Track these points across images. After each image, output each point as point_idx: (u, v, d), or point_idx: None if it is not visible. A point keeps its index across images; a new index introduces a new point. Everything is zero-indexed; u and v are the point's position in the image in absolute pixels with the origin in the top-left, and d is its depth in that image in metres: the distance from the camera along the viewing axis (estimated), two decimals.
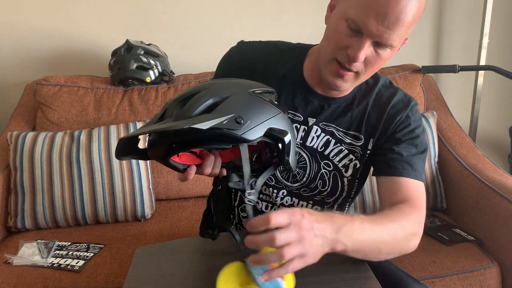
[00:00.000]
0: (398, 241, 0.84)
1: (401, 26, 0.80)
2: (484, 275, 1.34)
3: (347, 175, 1.01)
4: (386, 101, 0.99)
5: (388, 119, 0.98)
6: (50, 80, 1.82)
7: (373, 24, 0.79)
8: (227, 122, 0.65)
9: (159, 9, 1.99)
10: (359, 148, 1.00)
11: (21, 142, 1.63)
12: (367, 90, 1.00)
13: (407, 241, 0.86)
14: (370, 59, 0.85)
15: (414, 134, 0.97)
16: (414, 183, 0.94)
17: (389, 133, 0.98)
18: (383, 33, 0.80)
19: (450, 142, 1.76)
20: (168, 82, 1.88)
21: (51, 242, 1.48)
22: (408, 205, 0.90)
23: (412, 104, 0.99)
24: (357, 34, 0.82)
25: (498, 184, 1.47)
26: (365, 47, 0.82)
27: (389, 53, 0.86)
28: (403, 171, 0.93)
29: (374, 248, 0.80)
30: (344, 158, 1.00)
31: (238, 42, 1.06)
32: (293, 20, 2.05)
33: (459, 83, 2.19)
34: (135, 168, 1.65)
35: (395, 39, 0.82)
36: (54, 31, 1.97)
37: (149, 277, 0.83)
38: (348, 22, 0.82)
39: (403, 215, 0.86)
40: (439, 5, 2.10)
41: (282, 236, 0.65)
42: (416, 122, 0.98)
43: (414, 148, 0.97)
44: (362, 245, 0.77)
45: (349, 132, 0.99)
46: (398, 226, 0.84)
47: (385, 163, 0.96)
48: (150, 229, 1.60)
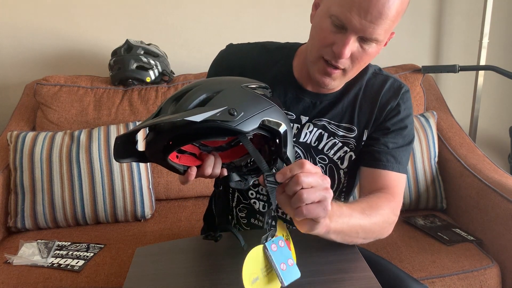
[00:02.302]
0: (374, 227, 0.88)
1: (384, 20, 0.80)
2: (484, 275, 1.34)
3: (343, 167, 1.02)
4: (377, 91, 0.99)
5: (380, 108, 0.99)
6: (50, 80, 1.82)
7: (356, 19, 0.80)
8: (221, 115, 0.65)
9: (159, 9, 1.99)
10: (353, 140, 1.00)
11: (21, 142, 1.63)
12: (356, 79, 1.00)
13: (382, 228, 0.91)
14: (356, 55, 0.86)
15: (403, 124, 0.98)
16: (396, 175, 0.97)
17: (380, 121, 0.99)
18: (367, 27, 0.81)
19: (450, 142, 1.76)
20: (168, 82, 1.88)
21: (51, 242, 1.48)
22: (386, 193, 0.93)
23: (403, 91, 0.99)
24: (342, 30, 0.83)
25: (498, 184, 1.47)
26: (350, 43, 0.83)
27: (375, 48, 0.86)
28: (387, 164, 0.96)
29: (352, 232, 0.83)
30: (338, 150, 1.00)
31: (227, 46, 1.07)
32: (293, 20, 2.05)
33: (459, 83, 2.19)
34: (135, 168, 1.65)
35: (380, 33, 0.82)
36: (54, 31, 1.97)
37: (149, 277, 0.83)
38: (332, 18, 0.83)
39: (380, 203, 0.90)
40: (439, 5, 2.10)
41: (306, 179, 0.66)
42: (407, 110, 0.99)
43: (401, 139, 0.98)
44: (342, 228, 0.80)
45: (341, 124, 1.00)
46: (375, 213, 0.87)
47: (370, 154, 0.98)
48: (150, 229, 1.60)
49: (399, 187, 0.97)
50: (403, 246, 1.44)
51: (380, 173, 0.96)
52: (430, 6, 2.10)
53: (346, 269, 0.84)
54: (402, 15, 0.84)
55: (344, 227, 0.81)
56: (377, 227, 0.89)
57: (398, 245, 1.44)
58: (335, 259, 0.87)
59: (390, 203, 0.92)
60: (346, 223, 0.81)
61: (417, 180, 1.66)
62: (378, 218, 0.88)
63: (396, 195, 0.95)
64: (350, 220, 0.82)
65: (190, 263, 0.88)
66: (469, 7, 2.11)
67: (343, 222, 0.80)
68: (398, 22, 0.84)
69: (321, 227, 0.73)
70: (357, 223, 0.83)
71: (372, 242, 1.46)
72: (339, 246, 0.90)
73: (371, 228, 0.88)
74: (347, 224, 0.81)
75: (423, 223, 1.58)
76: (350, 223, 0.82)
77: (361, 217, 0.84)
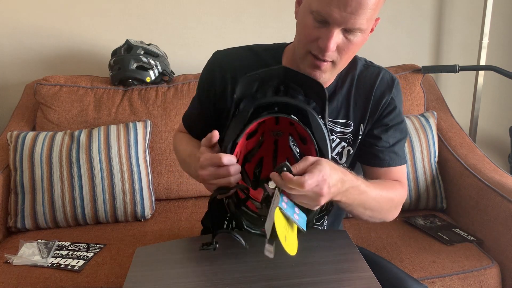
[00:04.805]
0: (382, 208, 0.96)
1: (364, 9, 0.81)
2: (484, 275, 1.34)
3: (342, 162, 1.04)
4: (370, 84, 1.01)
5: (375, 102, 1.00)
6: (50, 80, 1.82)
7: (336, 12, 0.81)
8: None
9: (159, 9, 1.99)
10: (350, 135, 1.02)
11: (21, 142, 1.63)
12: (346, 73, 1.01)
13: (389, 212, 0.98)
14: (343, 46, 0.87)
15: (400, 118, 1.03)
16: (400, 168, 1.04)
17: (377, 117, 1.01)
18: (348, 19, 0.82)
19: (450, 142, 1.76)
20: (168, 82, 1.88)
21: (51, 242, 1.48)
22: (397, 182, 1.02)
23: (395, 83, 1.02)
24: (324, 25, 0.84)
25: (498, 184, 1.47)
26: (333, 36, 0.84)
27: (360, 37, 0.87)
28: (390, 161, 1.02)
29: (360, 207, 0.91)
30: (336, 146, 1.02)
31: (213, 53, 1.07)
32: (293, 20, 2.04)
33: (459, 83, 2.19)
34: (135, 168, 1.65)
35: (362, 22, 0.83)
36: (54, 31, 1.97)
37: (149, 277, 0.83)
38: (313, 14, 0.84)
39: (394, 189, 0.99)
40: (439, 5, 2.10)
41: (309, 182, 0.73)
42: (400, 102, 1.03)
43: (399, 132, 1.03)
44: (353, 203, 0.88)
45: (338, 120, 1.01)
46: (386, 196, 0.95)
47: (374, 155, 1.02)
48: (150, 229, 1.60)
49: (403, 177, 1.05)
50: (403, 246, 1.44)
51: (385, 170, 1.02)
52: (430, 6, 2.10)
53: (346, 269, 0.84)
54: (383, 2, 0.86)
55: (355, 203, 0.88)
56: (385, 210, 0.96)
57: (398, 245, 1.44)
58: (335, 259, 0.87)
59: (400, 189, 1.01)
60: (358, 200, 0.87)
61: (417, 180, 1.66)
62: (388, 203, 0.96)
63: (404, 185, 1.03)
64: (363, 197, 0.88)
65: (190, 263, 0.88)
66: (469, 7, 2.11)
67: (354, 199, 0.86)
68: (380, 8, 0.86)
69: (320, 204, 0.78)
70: (368, 201, 0.90)
71: (372, 242, 1.47)
72: (339, 246, 0.90)
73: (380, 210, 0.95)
74: (358, 201, 0.88)
75: (423, 223, 1.58)
76: (362, 201, 0.89)
77: (374, 198, 0.91)
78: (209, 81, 1.05)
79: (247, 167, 0.96)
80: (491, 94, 2.22)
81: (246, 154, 0.94)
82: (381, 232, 1.53)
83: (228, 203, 0.85)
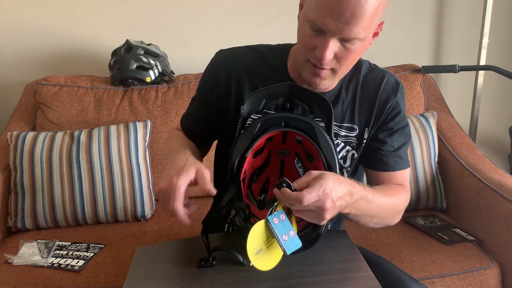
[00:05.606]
0: (388, 215, 0.96)
1: (359, 19, 0.79)
2: (484, 275, 1.34)
3: (346, 166, 1.03)
4: (375, 88, 1.00)
5: (380, 107, 1.00)
6: (50, 80, 1.82)
7: (331, 23, 0.80)
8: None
9: (159, 9, 1.99)
10: (355, 139, 1.01)
11: (21, 142, 1.63)
12: (351, 77, 1.01)
13: (392, 217, 0.98)
14: (341, 55, 0.86)
15: (404, 122, 1.03)
16: (403, 172, 1.04)
17: (382, 121, 1.01)
18: (343, 29, 0.81)
19: (450, 142, 1.76)
20: (168, 82, 1.88)
21: (51, 242, 1.48)
22: (400, 187, 1.01)
23: (400, 87, 1.02)
24: (321, 34, 0.84)
25: (498, 184, 1.47)
26: (329, 46, 0.83)
27: (359, 45, 0.85)
28: (395, 165, 1.02)
29: (368, 217, 0.90)
30: (341, 150, 1.02)
31: (216, 53, 1.06)
32: (293, 20, 2.04)
33: (459, 83, 2.20)
34: (135, 168, 1.65)
35: (358, 31, 0.81)
36: (54, 31, 1.97)
37: (149, 277, 0.83)
38: (310, 23, 0.84)
39: (398, 194, 0.98)
40: (439, 5, 2.11)
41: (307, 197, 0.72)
42: (404, 106, 1.03)
43: (403, 136, 1.03)
44: (361, 213, 0.87)
45: (343, 124, 1.01)
46: (391, 203, 0.94)
47: (378, 159, 1.02)
48: (150, 229, 1.60)
49: (406, 181, 1.05)
50: (403, 246, 1.44)
51: (389, 174, 1.02)
52: (430, 6, 2.10)
53: (346, 269, 0.84)
54: (384, 7, 0.83)
55: (363, 213, 0.87)
56: (389, 216, 0.96)
57: (398, 245, 1.44)
58: (335, 259, 0.87)
59: (403, 194, 1.00)
60: (366, 210, 0.87)
61: (417, 180, 1.66)
62: (393, 209, 0.95)
63: (407, 189, 1.03)
64: (371, 207, 0.87)
65: (190, 263, 0.88)
66: (469, 7, 2.11)
67: (363, 209, 0.85)
68: (380, 15, 0.84)
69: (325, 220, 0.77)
70: (374, 210, 0.89)
71: (372, 242, 1.47)
72: (339, 246, 0.90)
73: (385, 216, 0.94)
74: (366, 211, 0.87)
75: (423, 223, 1.58)
76: (370, 210, 0.88)
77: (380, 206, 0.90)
78: (213, 81, 1.03)
79: (253, 188, 0.96)
80: (491, 94, 2.22)
81: (252, 174, 0.95)
82: (381, 232, 1.53)
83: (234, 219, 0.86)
